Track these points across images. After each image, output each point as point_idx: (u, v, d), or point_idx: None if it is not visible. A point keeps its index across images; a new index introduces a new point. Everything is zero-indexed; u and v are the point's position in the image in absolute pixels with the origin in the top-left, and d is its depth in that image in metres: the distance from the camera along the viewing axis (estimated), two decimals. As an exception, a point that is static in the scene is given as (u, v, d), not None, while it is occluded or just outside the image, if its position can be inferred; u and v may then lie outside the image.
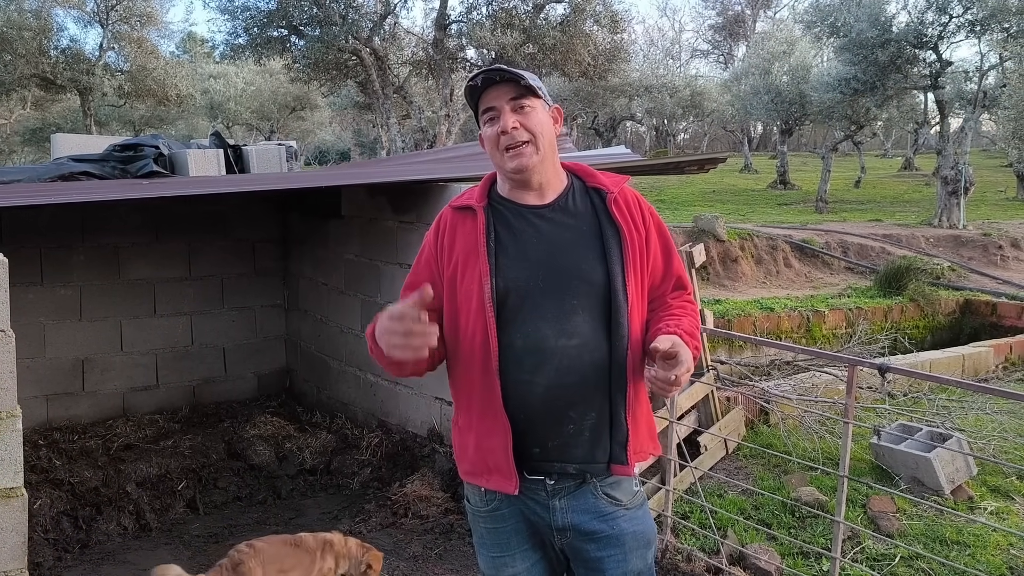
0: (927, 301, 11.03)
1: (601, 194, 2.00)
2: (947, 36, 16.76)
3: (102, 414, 5.71)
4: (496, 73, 1.91)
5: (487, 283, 1.90)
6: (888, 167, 33.40)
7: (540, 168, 1.95)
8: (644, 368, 1.94)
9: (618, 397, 1.93)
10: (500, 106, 1.91)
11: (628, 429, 1.94)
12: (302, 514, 4.47)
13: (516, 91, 1.92)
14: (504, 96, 1.91)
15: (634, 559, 2.00)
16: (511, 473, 1.92)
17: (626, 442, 1.94)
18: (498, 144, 1.92)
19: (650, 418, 2.06)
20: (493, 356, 1.90)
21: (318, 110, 31.12)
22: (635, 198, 2.03)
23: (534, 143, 1.91)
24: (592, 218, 1.97)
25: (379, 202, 5.16)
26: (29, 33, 18.52)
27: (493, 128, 1.92)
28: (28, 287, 5.42)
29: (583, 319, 1.91)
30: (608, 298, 1.92)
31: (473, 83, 1.93)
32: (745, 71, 25.60)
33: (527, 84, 1.92)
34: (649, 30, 71.44)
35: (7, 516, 2.44)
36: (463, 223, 1.99)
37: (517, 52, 16.59)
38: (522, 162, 1.91)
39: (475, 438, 1.96)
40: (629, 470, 1.96)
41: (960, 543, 4.14)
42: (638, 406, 1.97)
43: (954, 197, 16.03)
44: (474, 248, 1.94)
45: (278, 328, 6.46)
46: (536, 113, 1.93)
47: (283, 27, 17.41)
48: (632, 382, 1.94)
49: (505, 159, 1.92)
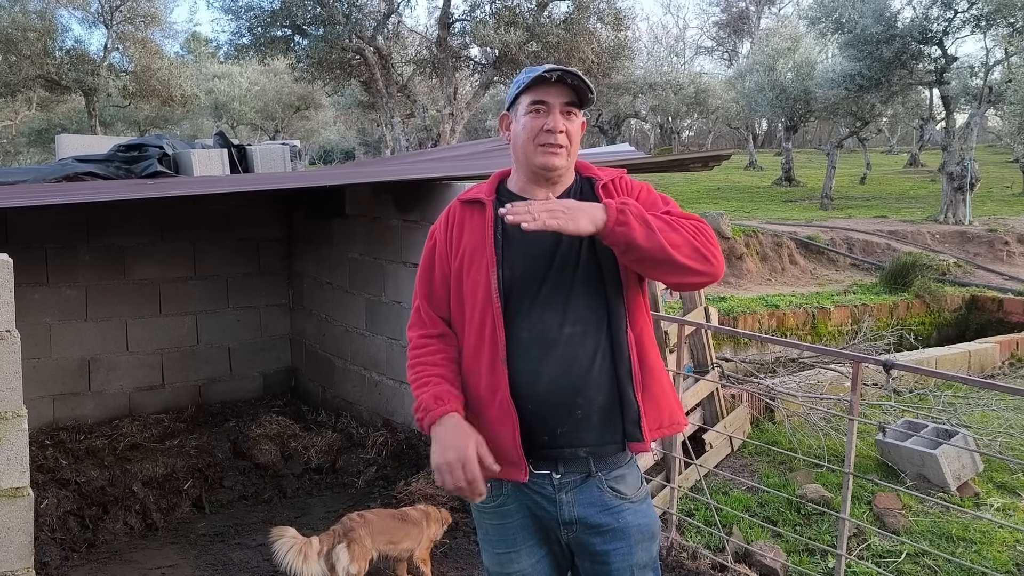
0: (933, 297, 11.01)
1: (591, 182, 2.05)
2: (952, 31, 16.69)
3: (108, 414, 5.73)
4: (570, 76, 1.95)
5: (493, 274, 1.95)
6: (893, 163, 33.31)
7: (564, 171, 2.02)
8: (651, 342, 2.00)
9: (624, 376, 1.96)
10: (553, 104, 1.96)
11: (639, 406, 1.96)
12: (308, 513, 4.48)
13: (571, 98, 1.98)
14: (561, 97, 1.97)
15: (639, 552, 2.02)
16: (520, 461, 1.96)
17: (639, 419, 1.96)
18: (536, 138, 1.97)
19: (673, 392, 2.09)
20: (501, 347, 1.94)
21: (322, 109, 31.14)
22: (627, 184, 2.06)
23: (568, 150, 1.99)
24: None
25: (383, 201, 5.17)
26: (34, 34, 18.55)
27: (538, 121, 1.97)
28: (34, 287, 5.43)
29: (585, 305, 1.95)
30: (604, 281, 1.97)
31: (547, 76, 1.95)
32: (749, 68, 25.53)
33: (591, 97, 1.98)
34: (653, 27, 71.53)
35: (14, 515, 2.44)
36: (471, 216, 2.05)
37: (521, 50, 16.56)
38: (554, 162, 1.98)
39: (483, 429, 1.98)
40: (646, 446, 1.99)
41: (966, 540, 4.14)
42: (649, 380, 1.99)
43: (960, 193, 15.98)
44: (481, 240, 1.99)
45: (283, 327, 6.47)
46: (577, 122, 2.01)
47: (287, 27, 17.40)
48: (638, 359, 1.97)
49: (537, 153, 1.97)
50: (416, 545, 3.53)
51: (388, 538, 3.45)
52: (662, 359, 2.13)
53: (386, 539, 3.44)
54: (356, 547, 3.32)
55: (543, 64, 2.02)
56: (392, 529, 3.48)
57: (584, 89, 1.96)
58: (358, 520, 3.40)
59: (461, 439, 1.90)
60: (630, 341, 1.96)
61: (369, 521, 3.43)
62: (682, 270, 1.85)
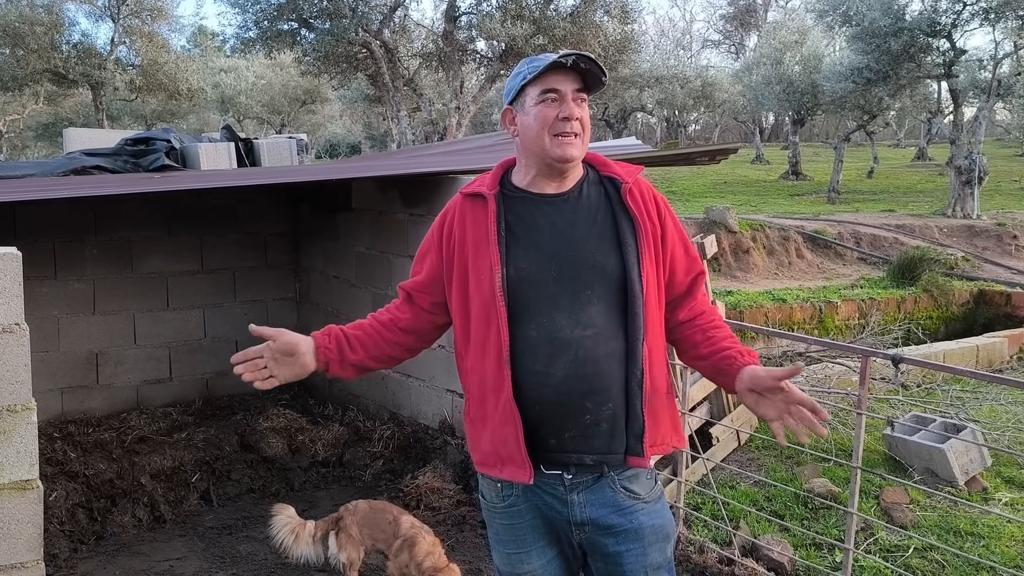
0: (940, 292, 10.98)
1: (616, 184, 1.99)
2: (961, 24, 16.61)
3: (116, 407, 5.74)
4: (584, 61, 1.89)
5: (497, 272, 1.90)
6: (901, 157, 33.15)
7: (578, 161, 1.97)
8: (662, 362, 1.97)
9: (634, 388, 1.91)
10: (565, 91, 1.91)
11: (644, 421, 1.91)
12: (315, 506, 4.49)
13: (581, 84, 1.93)
14: (572, 84, 1.92)
15: (653, 552, 1.98)
16: (524, 463, 1.91)
17: (642, 434, 1.92)
18: (550, 127, 1.90)
19: (673, 411, 2.04)
20: (504, 346, 1.89)
21: (328, 103, 31.15)
22: (649, 191, 2.02)
23: (582, 137, 1.94)
24: (606, 208, 1.96)
25: (389, 195, 5.16)
26: (41, 28, 18.60)
27: (551, 110, 1.91)
28: (42, 281, 5.45)
29: (598, 309, 1.90)
30: (624, 288, 1.91)
31: (563, 61, 1.89)
32: (757, 61, 25.45)
33: (604, 82, 1.93)
34: (660, 20, 71.32)
35: (23, 508, 2.45)
36: (473, 211, 1.99)
37: (527, 43, 16.52)
38: (571, 152, 1.92)
39: (488, 429, 1.96)
40: (645, 462, 1.94)
41: (974, 534, 4.13)
42: (656, 399, 1.95)
43: (968, 187, 15.91)
44: (484, 237, 1.94)
45: (290, 321, 6.47)
46: (587, 110, 1.96)
47: (293, 20, 17.40)
48: (649, 374, 1.92)
49: (554, 144, 1.91)
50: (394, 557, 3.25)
51: (371, 533, 3.33)
52: (671, 377, 2.10)
53: (370, 534, 3.33)
54: (343, 536, 3.28)
55: (544, 55, 1.96)
56: (377, 525, 3.34)
57: (596, 73, 1.91)
58: (349, 509, 3.36)
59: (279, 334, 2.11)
60: (645, 353, 1.91)
61: (359, 511, 3.35)
62: None
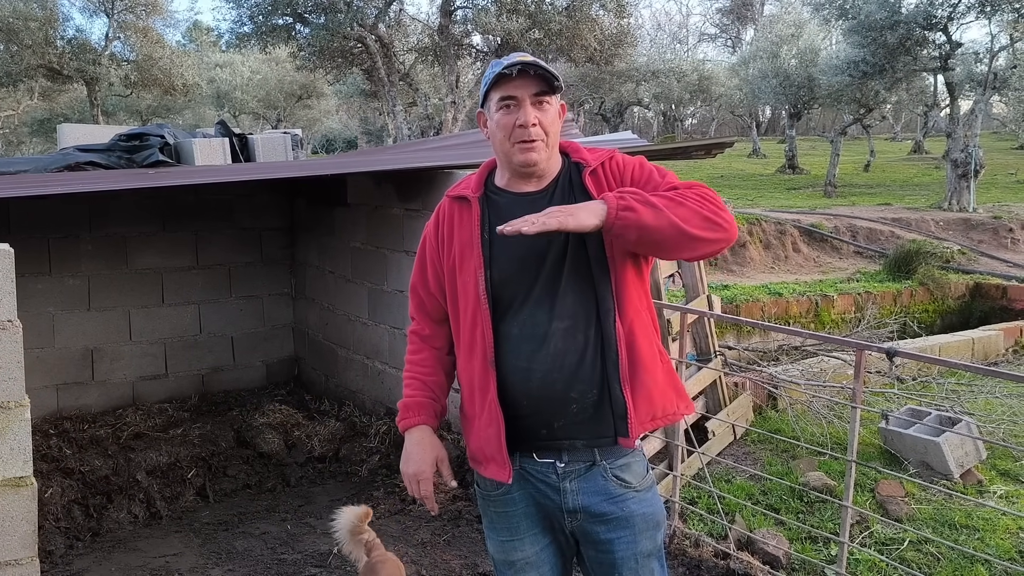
0: (937, 285, 10.98)
1: (580, 168, 2.00)
2: (957, 17, 16.58)
3: (112, 403, 5.74)
4: (531, 67, 1.89)
5: (481, 275, 1.95)
6: (898, 150, 33.18)
7: (545, 164, 1.97)
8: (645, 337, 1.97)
9: (611, 370, 1.93)
10: (522, 98, 1.91)
11: (626, 401, 1.93)
12: (311, 501, 4.49)
13: (540, 87, 1.92)
14: (529, 89, 1.91)
15: (643, 541, 2.02)
16: (504, 463, 1.97)
17: (625, 414, 1.94)
18: (511, 135, 1.92)
19: (671, 379, 2.05)
20: (489, 348, 1.95)
21: (324, 98, 31.06)
22: (620, 167, 1.99)
23: (545, 141, 1.93)
24: (571, 196, 1.96)
25: (385, 190, 5.16)
26: (35, 23, 18.52)
27: (510, 117, 1.92)
28: (36, 277, 5.44)
29: (574, 299, 1.93)
30: (591, 274, 1.93)
31: (508, 72, 1.89)
32: (753, 55, 25.42)
33: (558, 85, 1.92)
34: (656, 14, 71.34)
35: (17, 505, 2.45)
36: (460, 213, 2.03)
37: (523, 38, 16.50)
38: (532, 157, 1.93)
39: (475, 427, 2.02)
40: (630, 442, 1.97)
41: (969, 527, 4.13)
42: (642, 375, 1.95)
43: (964, 180, 15.91)
44: (470, 240, 1.98)
45: (286, 317, 6.47)
46: (551, 110, 1.95)
47: (288, 15, 17.35)
48: (627, 354, 1.94)
49: (515, 151, 1.93)
50: None
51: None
52: (664, 347, 2.11)
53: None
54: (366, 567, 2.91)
55: (512, 55, 1.96)
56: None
57: (549, 77, 1.91)
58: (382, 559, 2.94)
59: (424, 454, 2.03)
60: (619, 334, 1.92)
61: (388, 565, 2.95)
62: (697, 242, 1.82)
